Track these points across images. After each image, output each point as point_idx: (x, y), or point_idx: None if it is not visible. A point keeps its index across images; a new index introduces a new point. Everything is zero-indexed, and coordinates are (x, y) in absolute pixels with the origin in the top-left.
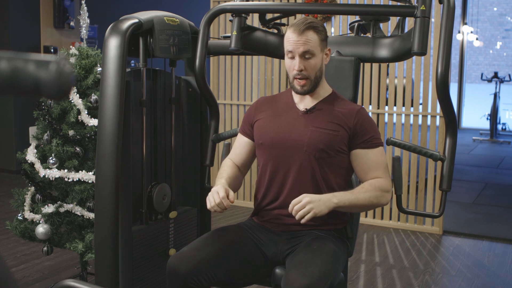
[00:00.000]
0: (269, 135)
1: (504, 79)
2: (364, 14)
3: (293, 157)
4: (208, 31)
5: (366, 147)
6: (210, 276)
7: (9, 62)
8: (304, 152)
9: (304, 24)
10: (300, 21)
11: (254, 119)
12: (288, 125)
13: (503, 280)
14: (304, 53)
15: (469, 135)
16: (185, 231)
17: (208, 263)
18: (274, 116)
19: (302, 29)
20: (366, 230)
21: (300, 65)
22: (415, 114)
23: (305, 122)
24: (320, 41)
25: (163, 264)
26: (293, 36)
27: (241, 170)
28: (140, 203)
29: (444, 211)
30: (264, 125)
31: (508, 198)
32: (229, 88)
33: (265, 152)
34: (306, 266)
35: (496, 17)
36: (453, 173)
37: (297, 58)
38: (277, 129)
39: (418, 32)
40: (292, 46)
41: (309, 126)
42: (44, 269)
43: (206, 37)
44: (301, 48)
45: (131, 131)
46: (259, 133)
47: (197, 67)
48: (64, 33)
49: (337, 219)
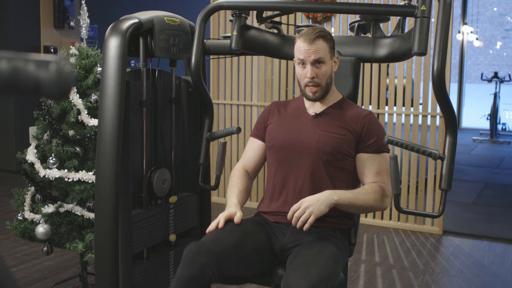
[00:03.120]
0: (279, 138)
1: (504, 79)
2: (364, 13)
3: (302, 159)
4: (204, 28)
5: (371, 151)
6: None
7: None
8: (312, 154)
9: (314, 33)
10: (309, 31)
11: (267, 122)
12: (298, 129)
13: (503, 280)
14: (315, 61)
15: (469, 135)
16: (185, 216)
17: (226, 254)
18: (285, 120)
19: (313, 38)
20: (366, 230)
21: (312, 72)
22: (415, 114)
23: (313, 126)
24: (329, 49)
25: (164, 252)
26: (304, 45)
27: (250, 176)
28: (140, 187)
29: (444, 211)
30: (275, 128)
31: (508, 198)
32: (229, 88)
33: (275, 154)
34: (306, 269)
35: (496, 17)
36: (453, 172)
37: (308, 66)
38: (287, 133)
39: (418, 32)
40: (304, 54)
41: (317, 130)
42: (44, 269)
43: (202, 34)
44: (312, 56)
45: (131, 131)
46: (270, 136)
47: (192, 65)
48: (64, 33)
49: (344, 217)
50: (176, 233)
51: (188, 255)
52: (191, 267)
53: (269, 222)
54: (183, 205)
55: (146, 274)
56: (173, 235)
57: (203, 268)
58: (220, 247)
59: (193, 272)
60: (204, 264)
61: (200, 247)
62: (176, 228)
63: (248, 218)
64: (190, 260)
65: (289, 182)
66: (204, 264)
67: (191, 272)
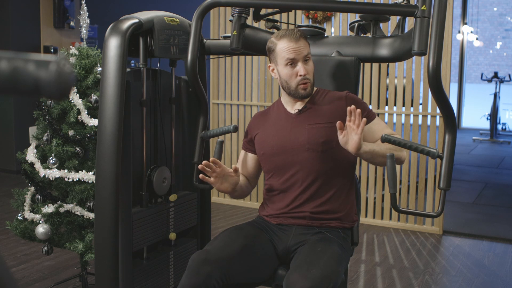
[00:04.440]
0: (269, 144)
1: (504, 79)
2: (364, 12)
3: (298, 157)
4: (200, 25)
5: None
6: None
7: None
8: (307, 150)
9: (297, 31)
10: (289, 31)
11: (252, 135)
12: (285, 130)
13: (503, 280)
14: (305, 58)
15: (469, 135)
16: (185, 215)
17: (231, 262)
18: (269, 126)
19: (298, 36)
20: (366, 230)
21: (304, 69)
22: (415, 114)
23: (300, 122)
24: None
25: (164, 252)
26: (292, 44)
27: (249, 180)
28: (140, 185)
29: (443, 210)
30: (262, 137)
31: (508, 198)
32: (229, 88)
33: (269, 161)
34: (308, 268)
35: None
36: (452, 171)
37: (300, 64)
38: (275, 137)
39: (418, 32)
40: (294, 53)
41: (305, 125)
42: (44, 269)
43: (198, 31)
44: (304, 52)
45: (131, 131)
46: (259, 145)
47: (188, 62)
48: (64, 33)
49: (346, 216)
50: (176, 232)
51: (194, 264)
52: (197, 276)
53: (270, 225)
54: (183, 204)
55: (146, 274)
56: (173, 234)
57: (209, 278)
58: (225, 255)
59: (198, 281)
60: (210, 273)
61: (206, 256)
62: (176, 227)
63: (249, 221)
64: (196, 269)
65: (291, 183)
66: (209, 274)
67: (196, 281)
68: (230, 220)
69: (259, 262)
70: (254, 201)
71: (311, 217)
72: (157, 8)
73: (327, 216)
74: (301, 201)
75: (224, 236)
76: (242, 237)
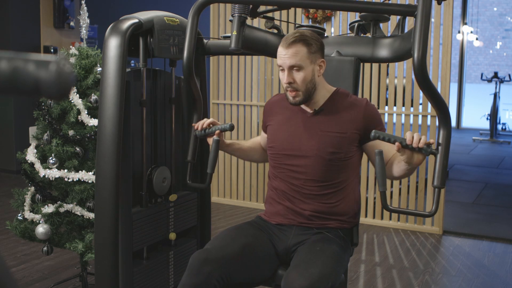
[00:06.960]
0: (279, 138)
1: (504, 79)
2: (363, 11)
3: (303, 159)
4: (197, 21)
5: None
6: (229, 274)
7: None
8: (315, 156)
9: (292, 37)
10: (289, 34)
11: (266, 123)
12: (297, 129)
13: (503, 280)
14: (291, 67)
15: (469, 135)
16: (185, 215)
17: (232, 261)
18: (283, 119)
19: (289, 43)
20: (366, 230)
21: (288, 78)
22: (415, 114)
23: (313, 126)
24: (309, 53)
25: (164, 252)
26: (281, 50)
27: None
28: (140, 185)
29: (437, 210)
30: (274, 129)
31: (508, 198)
32: (229, 88)
33: (275, 154)
34: (306, 267)
35: (496, 17)
36: (447, 168)
37: (285, 72)
38: (286, 133)
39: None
40: (281, 60)
41: (317, 131)
42: (44, 269)
43: (195, 28)
44: (287, 62)
45: (131, 131)
46: (270, 136)
47: (184, 59)
48: (64, 33)
49: (346, 216)
50: (176, 232)
51: (194, 263)
52: (197, 275)
53: (270, 225)
54: (183, 204)
55: (146, 274)
56: (173, 234)
57: (209, 277)
58: (226, 254)
59: (199, 280)
60: (210, 273)
61: (206, 256)
62: (176, 227)
63: (249, 221)
64: (197, 268)
65: (293, 184)
66: (210, 273)
67: (197, 280)
68: (230, 220)
69: (259, 261)
70: (254, 201)
71: (311, 217)
72: (157, 8)
73: (327, 217)
74: (301, 202)
75: (224, 236)
76: (242, 237)
